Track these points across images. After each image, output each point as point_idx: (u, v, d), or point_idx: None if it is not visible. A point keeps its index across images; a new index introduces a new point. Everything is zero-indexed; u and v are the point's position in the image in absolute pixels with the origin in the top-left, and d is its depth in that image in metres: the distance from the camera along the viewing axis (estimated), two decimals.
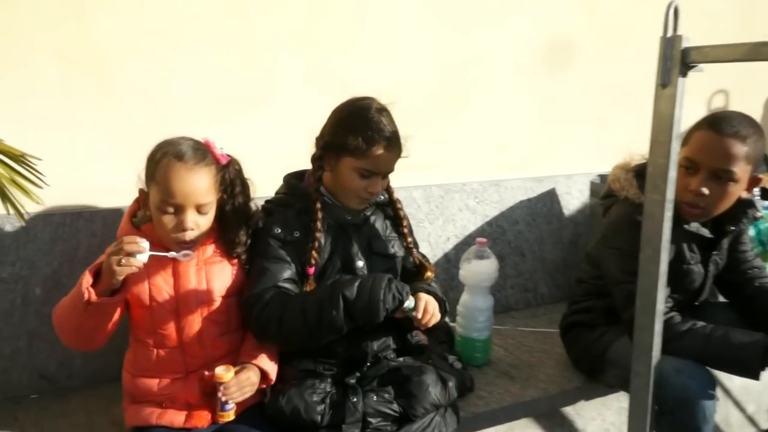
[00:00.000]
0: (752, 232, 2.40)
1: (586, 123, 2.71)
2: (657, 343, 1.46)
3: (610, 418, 2.10)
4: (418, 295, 1.53)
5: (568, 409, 2.03)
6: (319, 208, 1.54)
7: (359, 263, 1.60)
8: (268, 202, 1.65)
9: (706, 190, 1.62)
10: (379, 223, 1.68)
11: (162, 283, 1.42)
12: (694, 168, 1.64)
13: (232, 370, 1.38)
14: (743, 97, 3.09)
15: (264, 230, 1.56)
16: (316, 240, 1.54)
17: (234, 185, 1.49)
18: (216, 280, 1.47)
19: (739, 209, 1.72)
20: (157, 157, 1.39)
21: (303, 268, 1.54)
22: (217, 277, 1.48)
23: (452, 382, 1.56)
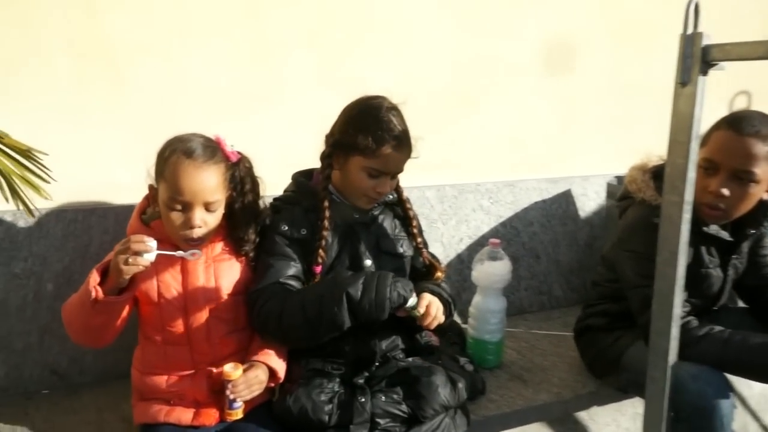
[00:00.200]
0: None
1: (602, 123, 2.67)
2: (673, 348, 1.42)
3: (624, 424, 2.06)
4: (422, 295, 1.51)
5: (581, 414, 2.00)
6: (327, 207, 1.53)
7: (367, 262, 1.58)
8: (276, 199, 1.64)
9: (726, 191, 1.58)
10: (387, 222, 1.66)
11: (170, 280, 1.42)
12: (714, 169, 1.60)
13: (240, 368, 1.37)
14: (767, 99, 3.02)
15: (271, 227, 1.55)
16: (323, 238, 1.52)
17: (244, 183, 1.48)
18: (224, 278, 1.46)
19: (760, 211, 1.67)
20: (167, 154, 1.39)
21: (310, 267, 1.53)
22: (226, 274, 1.47)
23: (462, 384, 1.54)
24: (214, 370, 1.43)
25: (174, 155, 1.38)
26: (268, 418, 1.45)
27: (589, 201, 2.64)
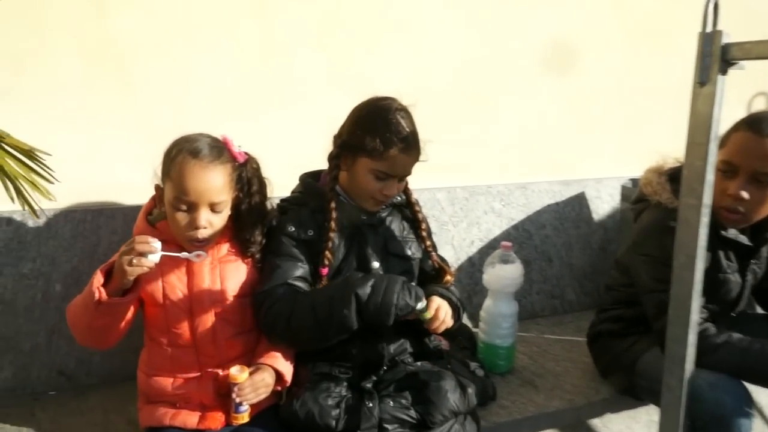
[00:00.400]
0: None
1: (617, 124, 2.63)
2: (690, 355, 1.38)
3: None
4: (431, 298, 1.48)
5: (594, 422, 1.97)
6: (334, 208, 1.51)
7: (375, 264, 1.56)
8: (283, 200, 1.63)
9: (745, 194, 1.54)
10: (395, 224, 1.64)
11: (176, 281, 1.40)
12: (733, 171, 1.56)
13: (246, 371, 1.36)
14: None
15: (278, 228, 1.54)
16: (330, 240, 1.50)
17: (251, 184, 1.47)
18: (230, 279, 1.45)
19: None
20: (173, 154, 1.38)
21: (316, 268, 1.51)
22: (232, 276, 1.45)
23: (472, 389, 1.51)
24: (220, 373, 1.42)
25: (180, 155, 1.37)
26: (274, 422, 1.43)
27: (603, 204, 2.59)
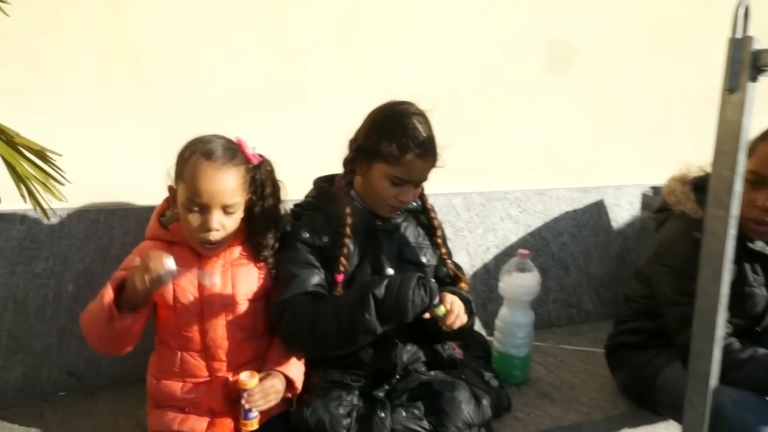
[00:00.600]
0: None
1: (638, 131, 2.58)
2: (715, 372, 1.33)
3: None
4: (443, 294, 1.45)
5: None
6: (349, 213, 1.48)
7: (389, 270, 1.53)
8: (296, 205, 1.61)
9: None
10: (410, 231, 1.61)
11: (187, 284, 1.38)
12: (761, 182, 1.51)
13: (256, 377, 1.33)
14: None
15: (292, 234, 1.51)
16: (345, 246, 1.48)
17: (264, 186, 1.45)
18: (242, 283, 1.42)
19: None
20: (186, 155, 1.37)
21: (331, 275, 1.48)
22: (243, 280, 1.43)
23: (486, 400, 1.48)
24: (230, 378, 1.39)
25: (194, 156, 1.35)
26: (284, 429, 1.41)
27: (623, 211, 2.54)
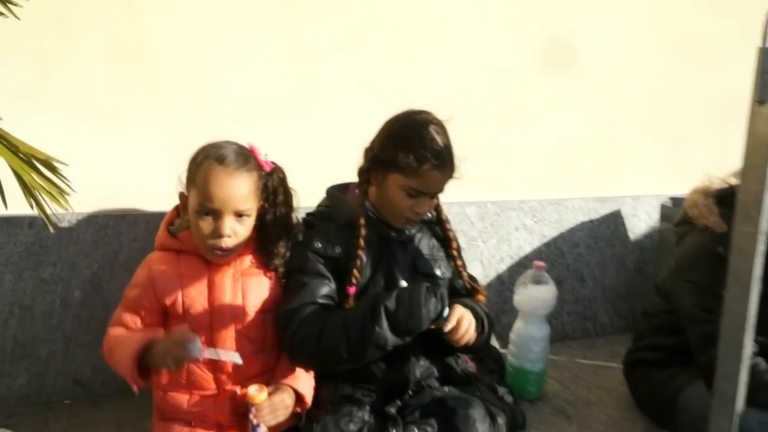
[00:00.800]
0: None
1: (657, 140, 2.53)
2: (741, 394, 1.28)
3: None
4: (453, 306, 1.41)
5: None
6: (363, 224, 1.45)
7: (402, 283, 1.49)
8: (309, 214, 1.57)
9: None
10: (425, 242, 1.57)
11: (196, 294, 1.35)
12: None
13: (265, 391, 1.30)
14: None
15: (303, 244, 1.48)
16: (359, 258, 1.44)
17: (276, 194, 1.42)
18: (252, 294, 1.39)
19: None
20: (199, 160, 1.34)
21: (343, 286, 1.45)
22: (254, 290, 1.40)
23: (502, 419, 1.42)
24: (238, 392, 1.36)
25: (206, 161, 1.33)
26: None
27: (640, 222, 2.49)
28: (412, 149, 1.39)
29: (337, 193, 1.57)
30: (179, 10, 1.78)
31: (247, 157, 1.38)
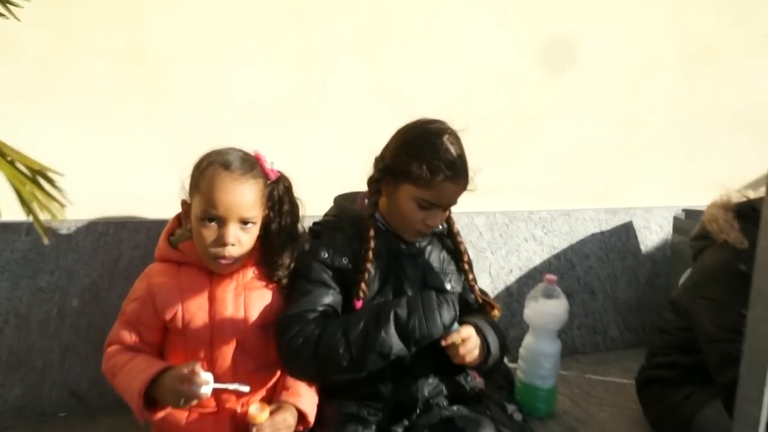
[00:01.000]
0: None
1: (670, 150, 2.48)
2: (764, 418, 1.22)
3: None
4: (464, 323, 1.37)
5: None
6: (373, 236, 1.39)
7: None
8: (316, 224, 1.52)
9: None
10: (435, 255, 1.52)
11: (196, 309, 1.30)
12: None
13: (267, 410, 1.25)
14: None
15: (310, 253, 1.43)
16: (367, 271, 1.39)
17: (282, 203, 1.38)
18: (254, 308, 1.34)
19: None
20: (203, 166, 1.30)
21: (350, 299, 1.39)
22: (256, 304, 1.35)
23: None
24: (239, 410, 1.31)
25: (211, 167, 1.29)
26: None
27: (652, 235, 2.44)
28: (425, 159, 1.34)
29: (345, 203, 1.52)
30: (184, 12, 1.75)
31: (252, 163, 1.34)
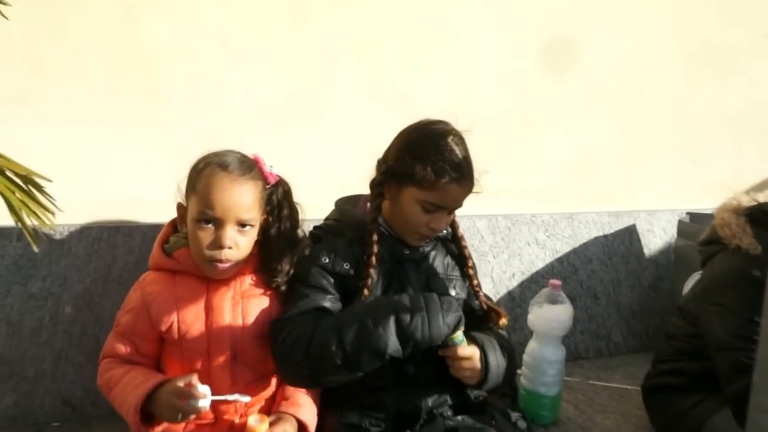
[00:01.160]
0: None
1: (674, 153, 2.46)
2: None
3: None
4: (471, 342, 1.33)
5: None
6: (376, 241, 1.36)
7: None
8: (316, 227, 1.49)
9: None
10: (439, 260, 1.48)
11: (193, 319, 1.26)
12: None
13: (266, 422, 1.21)
14: None
15: (310, 258, 1.39)
16: (369, 277, 1.35)
17: (281, 208, 1.35)
18: (252, 317, 1.30)
19: None
20: (200, 167, 1.27)
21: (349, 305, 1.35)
22: (255, 312, 1.31)
23: None
24: (236, 421, 1.28)
25: (208, 167, 1.26)
26: None
27: (655, 238, 2.41)
28: (429, 161, 1.31)
29: (347, 207, 1.48)
30: (181, 13, 1.71)
31: (251, 165, 1.31)
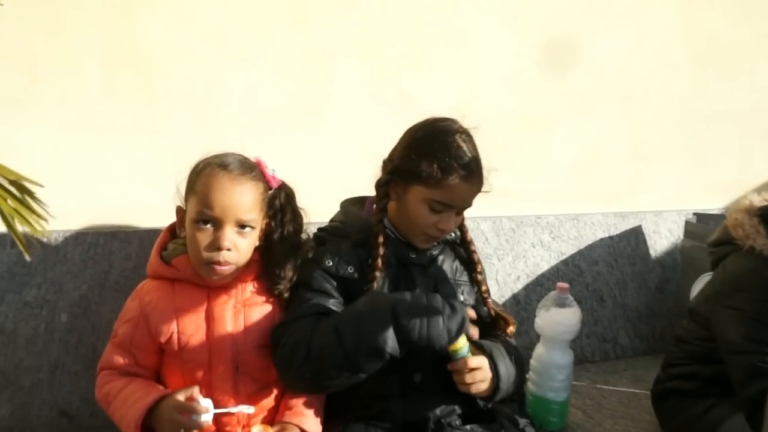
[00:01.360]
0: None
1: (680, 153, 2.43)
2: None
3: None
4: (478, 353, 1.29)
5: None
6: (382, 243, 1.32)
7: None
8: (320, 229, 1.45)
9: None
10: (447, 265, 1.44)
11: (193, 330, 1.22)
12: None
13: None
14: None
15: (313, 260, 1.35)
16: (375, 280, 1.31)
17: (284, 212, 1.31)
18: (255, 326, 1.26)
19: None
20: (200, 167, 1.24)
21: None
22: (257, 321, 1.27)
23: None
24: None
25: (208, 167, 1.24)
26: None
27: (662, 239, 2.38)
28: (436, 158, 1.27)
29: (352, 208, 1.44)
30: (179, 12, 1.68)
31: (252, 166, 1.28)
